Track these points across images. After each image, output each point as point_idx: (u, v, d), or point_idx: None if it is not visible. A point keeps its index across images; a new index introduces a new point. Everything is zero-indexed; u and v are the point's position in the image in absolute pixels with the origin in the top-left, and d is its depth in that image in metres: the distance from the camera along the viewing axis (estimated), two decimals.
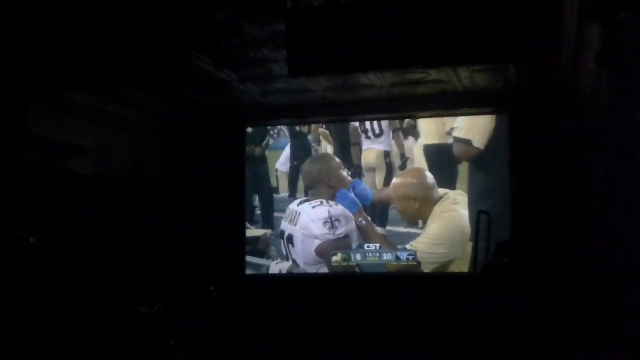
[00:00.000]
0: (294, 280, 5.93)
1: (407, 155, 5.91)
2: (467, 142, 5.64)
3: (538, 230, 5.14)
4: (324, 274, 5.85)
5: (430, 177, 5.73)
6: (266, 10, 4.10)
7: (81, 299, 4.59)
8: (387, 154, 6.00)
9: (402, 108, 5.80)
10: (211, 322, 5.15)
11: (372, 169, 6.05)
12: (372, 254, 5.76)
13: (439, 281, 5.55)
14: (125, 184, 5.59)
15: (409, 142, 5.92)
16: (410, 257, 5.66)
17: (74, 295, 4.57)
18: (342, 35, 3.78)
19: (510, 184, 5.44)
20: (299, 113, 6.08)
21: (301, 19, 3.87)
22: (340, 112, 5.97)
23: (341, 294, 5.66)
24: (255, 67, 5.01)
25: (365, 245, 5.80)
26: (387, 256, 5.73)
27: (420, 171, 5.81)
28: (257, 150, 6.38)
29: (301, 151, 6.28)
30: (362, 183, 5.96)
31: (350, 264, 5.80)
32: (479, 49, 3.62)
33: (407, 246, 5.66)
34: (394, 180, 5.86)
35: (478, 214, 5.37)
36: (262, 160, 6.38)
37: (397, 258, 5.71)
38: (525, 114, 5.42)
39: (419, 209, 5.67)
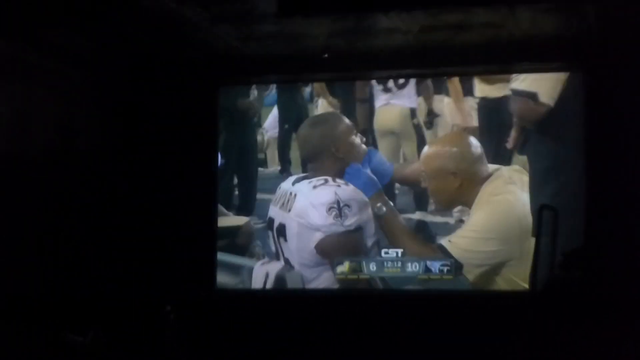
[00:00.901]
0: (283, 297, 5.89)
1: (436, 112, 5.91)
2: (531, 97, 5.58)
3: (623, 232, 5.16)
4: (328, 291, 5.81)
5: (476, 145, 5.65)
6: None
7: None
8: (414, 113, 6.02)
9: (437, 62, 5.77)
10: (167, 353, 5.16)
11: (393, 134, 6.05)
12: (393, 264, 5.74)
13: (487, 302, 5.55)
14: (50, 164, 5.49)
15: (441, 96, 5.93)
16: (445, 269, 5.63)
17: None
18: None
19: (585, 170, 5.42)
20: (293, 67, 6.06)
21: None
22: (351, 67, 5.94)
23: (353, 317, 5.66)
24: (233, 2, 4.94)
25: (383, 251, 5.75)
26: (413, 266, 5.71)
27: (462, 136, 5.76)
28: (239, 105, 6.31)
29: (293, 111, 6.27)
30: (378, 153, 5.94)
31: (361, 276, 5.78)
32: None
33: (444, 242, 5.62)
34: (426, 150, 5.80)
35: (540, 210, 5.32)
36: (245, 121, 6.33)
37: (427, 269, 5.68)
38: (608, 72, 5.39)
39: (459, 190, 5.57)
